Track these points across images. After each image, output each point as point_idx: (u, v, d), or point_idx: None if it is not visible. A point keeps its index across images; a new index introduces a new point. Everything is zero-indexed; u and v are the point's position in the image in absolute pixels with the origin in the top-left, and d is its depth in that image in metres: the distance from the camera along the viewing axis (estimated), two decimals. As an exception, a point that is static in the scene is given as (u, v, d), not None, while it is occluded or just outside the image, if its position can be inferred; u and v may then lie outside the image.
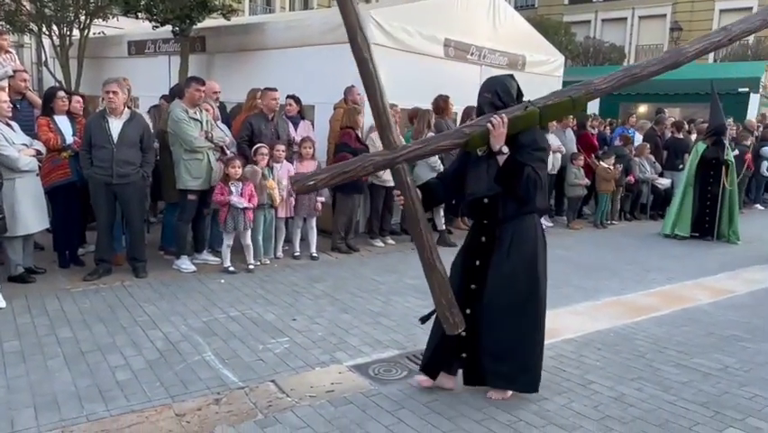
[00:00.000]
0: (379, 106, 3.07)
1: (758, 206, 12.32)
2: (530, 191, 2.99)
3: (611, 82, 3.01)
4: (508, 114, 2.96)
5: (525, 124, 2.97)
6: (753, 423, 3.24)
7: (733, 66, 17.57)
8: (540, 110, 2.95)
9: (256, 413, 3.15)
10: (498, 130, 2.91)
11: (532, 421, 3.16)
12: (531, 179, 2.95)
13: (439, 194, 3.49)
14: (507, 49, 9.53)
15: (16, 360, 3.68)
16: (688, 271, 6.77)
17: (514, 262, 3.14)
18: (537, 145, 3.08)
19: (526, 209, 3.14)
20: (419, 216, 3.16)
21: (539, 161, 3.05)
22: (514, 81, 3.26)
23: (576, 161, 8.85)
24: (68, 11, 9.26)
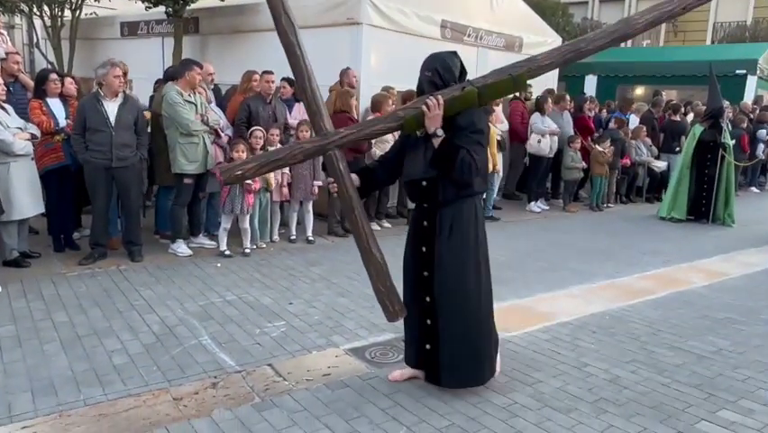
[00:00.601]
0: (308, 92, 3.01)
1: (753, 188, 12.34)
2: (465, 175, 2.88)
3: (555, 58, 2.91)
4: (445, 95, 2.84)
5: (462, 104, 2.85)
6: (745, 405, 3.27)
7: (730, 48, 17.48)
8: (479, 90, 2.82)
9: (253, 397, 3.16)
10: (432, 112, 2.80)
11: (527, 404, 3.18)
12: (466, 162, 2.83)
13: (379, 177, 3.37)
14: (505, 30, 9.46)
15: (12, 344, 3.68)
16: (683, 253, 6.79)
17: (456, 249, 3.05)
18: (475, 127, 2.94)
19: (465, 193, 3.03)
20: (354, 204, 3.08)
21: (476, 144, 2.91)
22: (457, 59, 3.09)
23: (573, 144, 8.83)
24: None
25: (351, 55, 7.36)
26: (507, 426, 2.97)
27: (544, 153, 8.70)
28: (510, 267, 5.87)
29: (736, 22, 21.25)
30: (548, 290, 5.21)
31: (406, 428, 2.91)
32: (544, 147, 8.63)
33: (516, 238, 7.23)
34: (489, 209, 8.21)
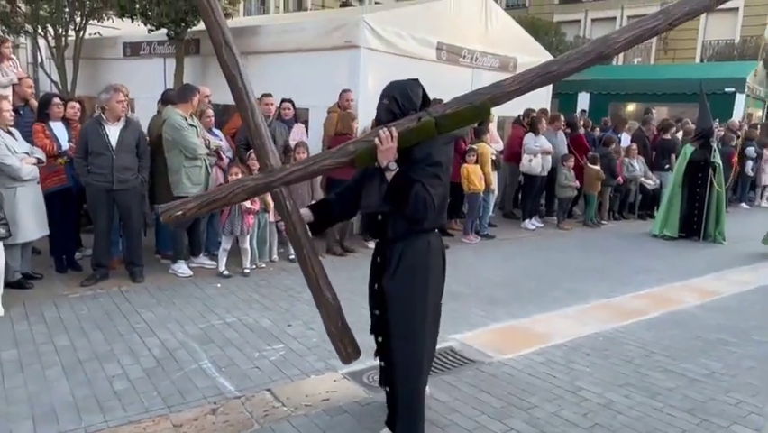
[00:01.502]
0: (252, 126, 2.85)
1: (743, 204, 12.40)
2: (419, 210, 2.61)
3: (522, 83, 2.59)
4: (399, 126, 2.61)
5: (419, 135, 2.61)
6: (738, 430, 3.26)
7: (719, 66, 17.64)
8: (437, 120, 2.58)
9: (252, 423, 3.14)
10: (385, 145, 2.55)
11: (523, 430, 3.17)
12: (420, 197, 2.57)
13: (335, 212, 3.16)
14: (499, 51, 9.54)
15: (14, 369, 3.66)
16: (676, 271, 6.79)
17: (400, 288, 2.78)
18: (432, 160, 2.67)
19: (418, 228, 2.75)
20: (302, 242, 2.89)
21: (433, 177, 2.64)
22: (418, 87, 2.82)
23: (566, 162, 8.87)
24: (63, 12, 9.17)
25: (349, 77, 7.41)
26: (504, 453, 2.97)
27: (536, 172, 8.75)
28: (504, 287, 5.88)
29: (725, 40, 21.45)
30: (543, 310, 5.19)
31: (404, 455, 2.91)
32: (535, 166, 8.68)
33: (511, 257, 7.23)
34: (484, 227, 8.25)
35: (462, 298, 5.42)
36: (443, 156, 2.75)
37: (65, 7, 9.03)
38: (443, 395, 3.51)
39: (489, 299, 5.44)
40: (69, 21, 9.24)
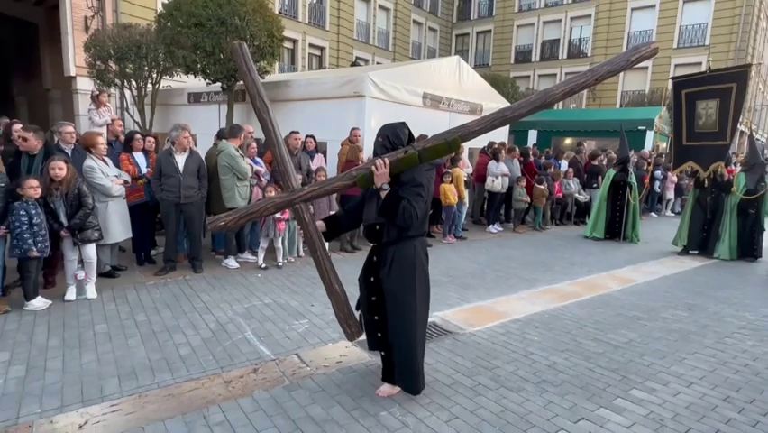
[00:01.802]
0: (277, 157, 2.86)
1: (653, 213, 12.37)
2: (406, 221, 2.66)
3: (484, 124, 2.64)
4: (391, 157, 2.67)
5: (406, 164, 2.65)
6: (650, 385, 3.25)
7: (634, 110, 17.68)
8: (419, 152, 2.63)
9: (284, 380, 3.13)
10: (380, 171, 2.63)
11: (488, 385, 3.16)
12: (407, 210, 2.63)
13: (344, 224, 3.15)
14: (469, 99, 9.54)
15: (104, 339, 3.64)
16: (602, 264, 6.76)
17: (394, 281, 2.82)
18: (415, 182, 2.70)
19: (405, 235, 2.79)
20: (317, 247, 2.92)
21: (416, 195, 2.68)
22: (404, 128, 2.87)
23: (520, 183, 8.86)
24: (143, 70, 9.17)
25: (357, 119, 7.41)
26: (474, 403, 2.94)
27: (497, 190, 8.73)
28: (474, 276, 5.85)
29: (638, 90, 21.49)
30: (503, 294, 5.17)
31: (399, 405, 2.88)
32: (497, 186, 8.67)
33: (479, 253, 7.21)
34: (459, 231, 8.22)
35: (442, 284, 5.40)
36: (424, 179, 2.76)
37: (145, 66, 9.02)
38: (429, 358, 3.45)
39: (463, 286, 5.42)
40: (148, 76, 9.23)
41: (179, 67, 8.42)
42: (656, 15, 20.99)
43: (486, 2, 26.19)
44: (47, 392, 2.88)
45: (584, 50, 23.12)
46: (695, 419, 2.85)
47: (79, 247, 4.38)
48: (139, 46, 8.55)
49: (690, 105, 7.39)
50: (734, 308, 5.00)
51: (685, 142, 7.60)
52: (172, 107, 10.60)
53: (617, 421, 2.79)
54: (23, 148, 4.52)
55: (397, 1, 23.17)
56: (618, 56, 2.55)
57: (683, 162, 7.72)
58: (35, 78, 15.43)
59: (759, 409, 2.99)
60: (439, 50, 26.30)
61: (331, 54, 20.27)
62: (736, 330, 4.35)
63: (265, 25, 7.97)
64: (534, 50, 24.55)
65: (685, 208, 8.18)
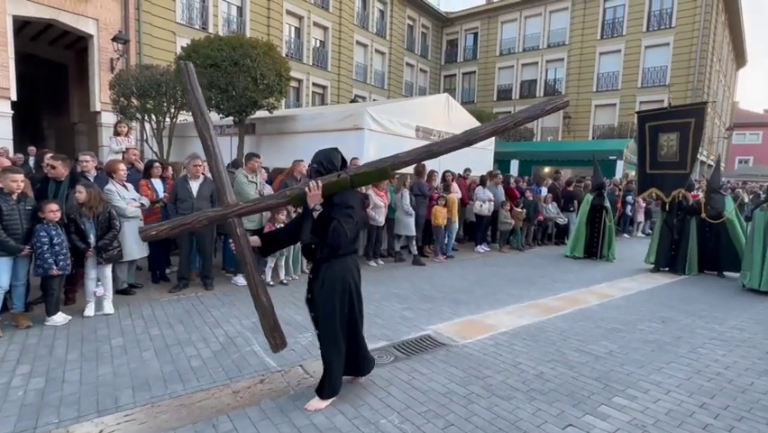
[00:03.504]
0: (214, 173, 2.76)
1: (625, 235, 12.41)
2: (335, 240, 2.58)
3: (412, 156, 2.61)
4: (324, 180, 2.59)
5: (338, 187, 2.59)
6: (631, 392, 3.19)
7: (605, 142, 17.96)
8: (351, 177, 2.58)
9: (289, 390, 3.05)
10: (312, 192, 2.55)
11: (480, 393, 3.09)
12: (337, 230, 2.56)
13: (282, 240, 3.00)
14: (456, 131, 9.57)
15: (120, 352, 3.55)
16: (582, 281, 6.73)
17: (325, 296, 2.74)
18: (346, 204, 2.64)
19: (337, 253, 2.70)
20: (247, 260, 2.76)
21: (347, 216, 2.61)
22: (337, 153, 2.80)
23: (504, 207, 8.90)
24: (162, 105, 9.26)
25: (356, 149, 7.46)
26: (467, 410, 2.86)
27: (485, 213, 8.76)
28: (465, 292, 5.80)
29: (608, 124, 21.88)
30: (492, 308, 5.11)
31: (397, 412, 2.80)
32: (484, 209, 8.70)
33: (469, 271, 7.17)
34: (449, 250, 8.20)
35: (436, 300, 5.34)
36: (355, 201, 2.71)
37: (164, 102, 9.12)
38: (424, 369, 3.42)
39: (455, 301, 5.36)
40: (167, 111, 9.32)
41: (196, 103, 8.52)
42: (622, 59, 21.59)
43: (471, 46, 26.89)
44: (65, 403, 2.78)
45: (558, 88, 23.64)
46: (674, 424, 2.78)
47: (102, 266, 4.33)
48: (159, 84, 8.66)
49: (653, 136, 7.55)
50: (704, 320, 4.96)
51: (648, 170, 7.73)
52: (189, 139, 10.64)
53: (602, 428, 2.72)
54: (52, 175, 4.51)
55: (392, 46, 23.77)
56: (536, 105, 2.57)
57: (647, 188, 7.85)
58: (63, 112, 15.57)
59: (733, 414, 2.93)
60: (429, 89, 26.82)
61: (332, 92, 20.61)
62: (707, 341, 4.30)
63: (274, 66, 8.12)
64: (514, 88, 25.07)
65: (655, 229, 8.22)
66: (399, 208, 7.31)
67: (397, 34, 23.96)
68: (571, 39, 22.90)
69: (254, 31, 16.34)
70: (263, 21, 17.27)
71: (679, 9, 20.11)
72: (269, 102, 8.55)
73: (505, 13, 25.19)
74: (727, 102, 29.78)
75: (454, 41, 27.45)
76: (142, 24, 13.43)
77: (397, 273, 6.77)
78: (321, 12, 19.72)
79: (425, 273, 6.84)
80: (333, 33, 20.32)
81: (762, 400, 3.11)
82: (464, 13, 26.77)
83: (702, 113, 7.10)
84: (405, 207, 7.27)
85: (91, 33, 12.19)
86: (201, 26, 15.44)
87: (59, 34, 13.08)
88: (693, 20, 19.70)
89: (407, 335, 4.14)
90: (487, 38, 25.93)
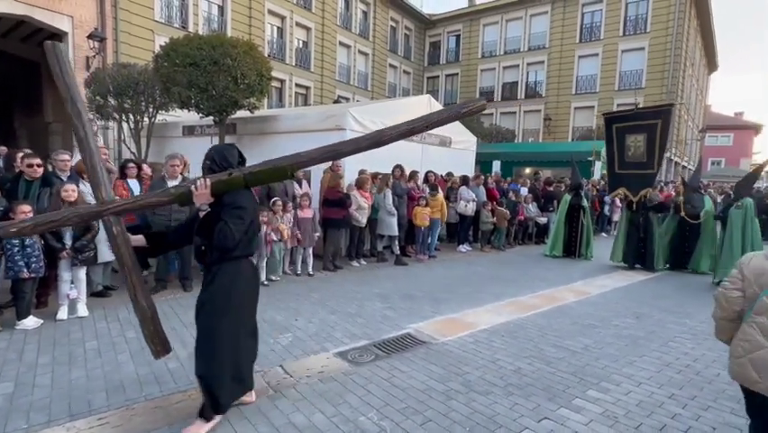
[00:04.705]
0: (89, 167, 2.46)
1: (603, 234, 12.69)
2: (221, 242, 2.36)
3: (315, 156, 2.41)
4: (213, 178, 2.38)
5: (230, 186, 2.39)
6: (605, 385, 3.27)
7: (583, 143, 18.34)
8: (245, 176, 2.38)
9: (268, 390, 3.03)
10: (199, 191, 2.35)
11: (459, 389, 3.12)
12: (223, 232, 2.34)
13: (169, 240, 2.79)
14: (439, 132, 9.72)
15: (94, 356, 3.47)
16: (560, 279, 6.84)
17: (210, 299, 2.51)
18: (236, 204, 2.40)
19: (228, 256, 2.47)
20: (125, 261, 2.51)
21: (236, 218, 2.38)
22: (233, 150, 2.58)
23: (485, 207, 9.01)
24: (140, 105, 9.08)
25: (338, 149, 7.44)
26: (446, 406, 2.90)
27: (469, 213, 8.86)
28: (446, 290, 5.85)
29: (586, 126, 22.35)
30: (472, 306, 5.16)
31: (376, 410, 2.82)
32: (468, 209, 8.80)
33: (451, 270, 7.24)
34: (432, 250, 8.26)
35: (417, 298, 5.38)
36: (246, 202, 2.46)
37: (142, 102, 8.94)
38: (404, 367, 3.44)
39: (436, 300, 5.41)
40: (145, 111, 9.14)
41: (174, 102, 8.37)
42: (600, 62, 22.10)
43: (453, 49, 27.14)
44: (34, 408, 2.71)
45: (539, 91, 24.05)
46: (645, 414, 2.87)
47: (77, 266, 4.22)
48: (137, 83, 8.50)
49: (620, 137, 7.75)
50: (675, 315, 5.12)
51: (617, 170, 7.95)
52: (168, 139, 10.47)
53: (576, 420, 2.78)
54: (31, 175, 4.39)
55: (375, 47, 23.81)
56: (451, 107, 2.48)
57: (616, 188, 8.07)
58: (37, 112, 15.11)
59: (699, 404, 3.04)
60: (412, 91, 26.94)
61: (315, 93, 20.53)
62: (677, 334, 4.45)
63: (255, 66, 8.04)
64: (495, 90, 25.38)
65: (618, 228, 8.43)
66: (382, 208, 7.34)
67: (380, 36, 24.02)
68: (551, 42, 23.34)
69: (236, 30, 16.16)
70: (245, 20, 17.11)
71: (653, 15, 20.70)
72: (250, 102, 8.46)
73: (486, 16, 25.52)
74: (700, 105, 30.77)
75: (437, 42, 27.66)
76: (120, 22, 13.16)
77: (379, 273, 6.79)
78: (303, 12, 19.63)
79: (408, 273, 6.88)
80: (315, 34, 20.26)
81: (727, 391, 3.23)
82: (446, 16, 27.01)
83: (668, 114, 7.33)
84: (387, 207, 7.30)
85: (66, 31, 11.88)
86: (181, 25, 15.21)
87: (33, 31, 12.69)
88: (667, 25, 20.30)
89: (388, 333, 4.15)
90: (469, 40, 26.21)
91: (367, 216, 7.12)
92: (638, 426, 2.74)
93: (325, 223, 6.73)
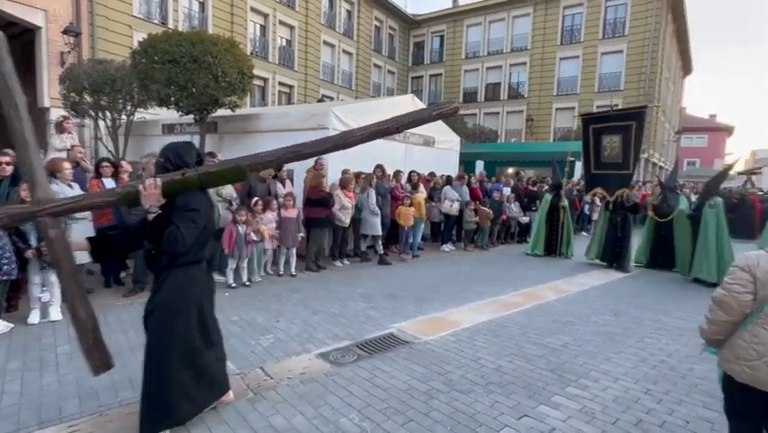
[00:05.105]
0: (25, 162, 2.28)
1: (583, 232, 12.92)
2: (171, 246, 2.21)
3: (276, 156, 2.31)
4: (165, 177, 2.25)
5: (183, 187, 2.25)
6: (583, 382, 3.32)
7: (565, 143, 18.61)
8: (199, 176, 2.25)
9: (248, 393, 2.98)
10: (148, 191, 2.19)
11: (440, 388, 3.13)
12: (173, 236, 2.19)
13: (118, 243, 2.57)
14: (423, 132, 9.73)
15: (67, 361, 3.36)
16: (541, 277, 6.91)
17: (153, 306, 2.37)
18: (189, 207, 2.26)
19: (179, 262, 2.33)
20: (63, 267, 2.31)
21: (189, 221, 2.23)
22: (190, 148, 2.42)
23: (469, 206, 9.07)
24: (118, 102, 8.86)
25: (321, 148, 7.39)
26: (427, 405, 2.90)
27: (453, 213, 8.91)
28: (431, 290, 5.86)
29: (567, 127, 22.74)
30: (455, 305, 5.18)
31: (357, 411, 2.80)
32: (453, 209, 8.85)
33: (435, 269, 7.26)
34: (416, 249, 8.27)
35: (400, 298, 5.38)
36: (201, 204, 2.32)
37: (119, 99, 8.71)
38: (386, 367, 3.43)
39: (419, 299, 5.42)
40: (122, 109, 8.91)
41: (153, 100, 8.19)
42: (580, 64, 22.49)
43: (437, 49, 27.27)
44: (2, 416, 2.61)
45: (521, 92, 24.35)
46: (621, 410, 2.93)
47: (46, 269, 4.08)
48: (114, 80, 8.28)
49: (596, 138, 7.91)
50: (651, 312, 5.24)
51: (594, 170, 8.10)
52: (147, 138, 10.23)
53: (554, 416, 2.82)
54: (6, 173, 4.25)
55: (359, 46, 23.75)
56: (422, 110, 2.43)
57: (593, 188, 8.23)
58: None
59: (673, 399, 3.11)
60: (397, 90, 26.97)
61: (299, 92, 20.37)
62: (653, 331, 4.55)
63: (236, 63, 7.92)
64: (479, 91, 25.60)
65: (597, 227, 8.59)
66: (366, 208, 7.32)
67: (364, 35, 23.97)
68: (533, 44, 23.65)
69: (217, 27, 15.91)
70: (226, 17, 16.85)
71: (632, 18, 21.17)
72: (232, 100, 8.34)
73: (470, 17, 25.71)
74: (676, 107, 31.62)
75: (421, 43, 27.75)
76: (96, 17, 12.82)
77: (362, 273, 6.77)
78: (287, 10, 19.45)
79: (391, 273, 6.88)
80: (299, 33, 20.10)
81: (700, 385, 3.32)
82: (430, 16, 27.12)
83: (642, 116, 7.50)
84: (371, 207, 7.28)
85: (39, 25, 11.50)
86: (160, 21, 14.89)
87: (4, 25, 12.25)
88: (645, 29, 20.79)
89: (371, 333, 4.14)
90: (453, 41, 26.37)
91: (350, 216, 7.09)
92: (615, 421, 2.79)
93: (308, 222, 6.67)
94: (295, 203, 6.53)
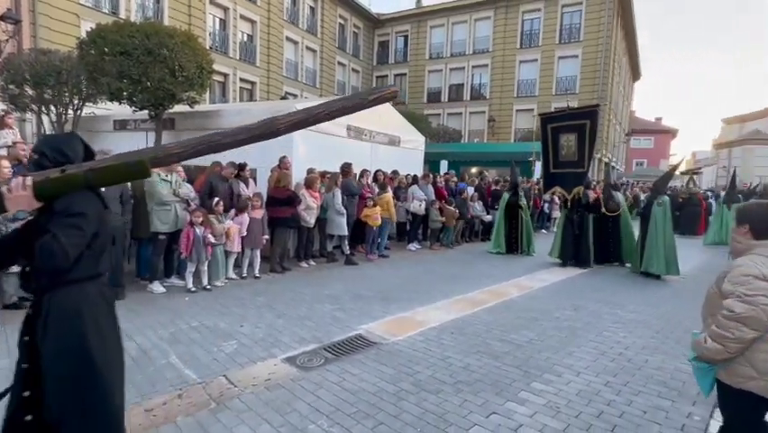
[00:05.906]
0: None
1: (543, 230, 13.38)
2: (45, 261, 1.67)
3: (185, 148, 1.87)
4: (39, 176, 1.73)
5: (64, 187, 1.75)
6: (547, 377, 3.41)
7: (525, 144, 19.23)
8: (85, 173, 1.75)
9: (210, 403, 2.84)
10: (14, 193, 1.68)
11: (409, 390, 3.11)
12: (45, 248, 1.64)
13: None
14: (388, 131, 9.76)
15: (6, 375, 3.06)
16: (504, 274, 7.05)
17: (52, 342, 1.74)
18: (71, 211, 1.73)
19: (65, 279, 1.77)
20: None
21: (70, 228, 1.71)
22: (74, 140, 1.91)
23: (434, 205, 9.16)
24: (64, 95, 8.25)
25: (285, 147, 7.20)
26: (397, 408, 2.87)
27: (421, 212, 8.97)
28: (397, 289, 5.86)
29: (527, 128, 23.48)
30: (421, 304, 5.20)
31: (326, 416, 2.74)
32: (421, 208, 8.91)
33: (401, 269, 7.27)
34: (382, 249, 8.26)
35: (367, 298, 5.34)
36: (87, 207, 1.79)
37: (65, 92, 8.12)
38: (354, 369, 3.38)
39: (386, 299, 5.39)
40: (69, 102, 8.32)
41: (103, 94, 7.71)
42: (538, 67, 23.29)
43: (401, 49, 27.40)
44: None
45: (483, 93, 24.91)
46: (584, 403, 3.03)
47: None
48: (59, 72, 7.70)
49: (554, 137, 8.20)
50: (609, 306, 5.48)
51: (552, 169, 8.39)
52: (96, 134, 9.61)
53: (521, 412, 2.87)
54: None
55: (323, 44, 23.46)
56: (357, 93, 2.14)
57: (551, 187, 8.52)
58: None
59: (632, 390, 3.25)
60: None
61: (261, 88, 19.86)
62: (610, 324, 4.76)
63: (194, 57, 7.60)
64: (443, 91, 25.96)
65: (558, 226, 8.93)
66: (331, 208, 7.22)
67: (328, 32, 23.70)
68: (494, 46, 24.23)
69: (173, 19, 15.22)
70: (184, 9, 16.16)
71: (586, 25, 22.14)
72: (190, 96, 7.99)
73: (433, 18, 26.00)
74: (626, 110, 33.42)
75: (386, 42, 27.78)
76: (38, 4, 11.93)
77: (329, 274, 6.68)
78: (248, 4, 18.90)
79: (358, 273, 6.82)
80: (261, 28, 19.58)
81: (655, 376, 3.49)
82: (395, 16, 27.20)
83: (595, 115, 7.85)
84: (336, 207, 7.19)
85: (-29, 10, 10.54)
86: (111, 10, 14.06)
87: (-71, 9, 11.14)
88: (598, 35, 21.80)
89: (338, 336, 4.08)
90: (417, 41, 26.58)
91: (316, 216, 6.98)
92: (578, 414, 2.88)
93: (272, 222, 6.50)
94: (262, 203, 6.35)
